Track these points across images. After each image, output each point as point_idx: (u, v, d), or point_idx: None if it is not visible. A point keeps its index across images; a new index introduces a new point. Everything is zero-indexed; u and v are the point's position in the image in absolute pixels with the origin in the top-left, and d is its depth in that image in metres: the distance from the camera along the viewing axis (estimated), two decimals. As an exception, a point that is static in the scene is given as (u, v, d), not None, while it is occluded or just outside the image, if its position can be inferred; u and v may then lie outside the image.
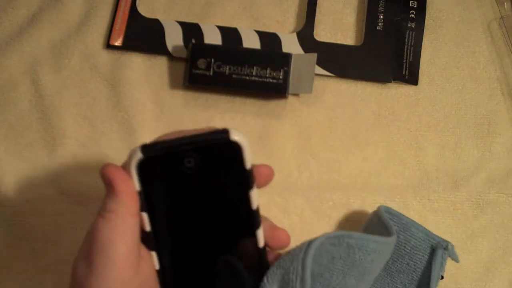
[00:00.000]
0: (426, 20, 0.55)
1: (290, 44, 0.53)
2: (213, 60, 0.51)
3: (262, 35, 0.53)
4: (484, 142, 0.52)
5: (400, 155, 0.51)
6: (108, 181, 0.31)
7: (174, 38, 0.53)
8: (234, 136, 0.30)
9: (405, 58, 0.53)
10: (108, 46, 0.53)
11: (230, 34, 0.53)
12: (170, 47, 0.53)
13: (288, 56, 0.51)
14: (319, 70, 0.52)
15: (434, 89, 0.53)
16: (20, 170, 0.49)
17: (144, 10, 0.54)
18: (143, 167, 0.30)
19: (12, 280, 0.47)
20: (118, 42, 0.53)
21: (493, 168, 0.51)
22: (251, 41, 0.53)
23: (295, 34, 0.54)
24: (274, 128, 0.51)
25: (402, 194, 0.49)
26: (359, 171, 0.50)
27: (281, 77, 0.50)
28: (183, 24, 0.53)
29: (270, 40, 0.53)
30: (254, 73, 0.50)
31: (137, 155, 0.30)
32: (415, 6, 0.55)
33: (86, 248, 0.31)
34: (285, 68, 0.50)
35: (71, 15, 0.54)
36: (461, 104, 0.53)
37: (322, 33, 0.54)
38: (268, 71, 0.50)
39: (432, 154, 0.51)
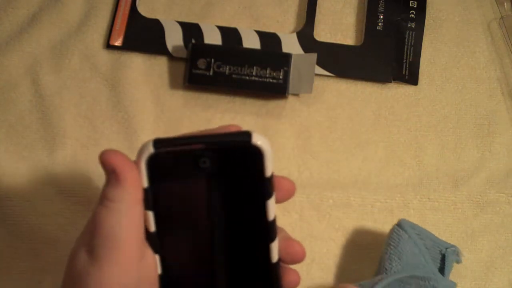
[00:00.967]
0: (426, 20, 0.55)
1: (290, 44, 0.53)
2: (213, 60, 0.51)
3: (262, 35, 0.53)
4: (484, 142, 0.52)
5: (400, 155, 0.51)
6: (110, 168, 0.28)
7: (174, 38, 0.53)
8: (257, 140, 0.28)
9: (405, 58, 0.53)
10: (108, 46, 0.53)
11: (230, 34, 0.53)
12: (170, 47, 0.53)
13: (288, 56, 0.51)
14: (319, 70, 0.52)
15: (434, 89, 0.53)
16: (20, 170, 0.49)
17: (144, 10, 0.54)
18: (154, 163, 0.28)
19: (12, 280, 0.47)
20: (118, 42, 0.53)
21: (493, 168, 0.51)
22: (251, 41, 0.53)
23: (295, 34, 0.54)
24: (274, 128, 0.51)
25: (402, 193, 0.49)
26: (359, 171, 0.50)
27: (281, 77, 0.50)
28: (183, 24, 0.54)
29: (270, 40, 0.53)
30: (254, 73, 0.50)
31: (149, 149, 0.28)
32: (415, 6, 0.55)
33: (87, 240, 0.29)
34: (285, 68, 0.50)
35: (71, 15, 0.54)
36: (461, 104, 0.53)
37: (322, 33, 0.54)
38: (268, 71, 0.50)
39: (432, 154, 0.51)
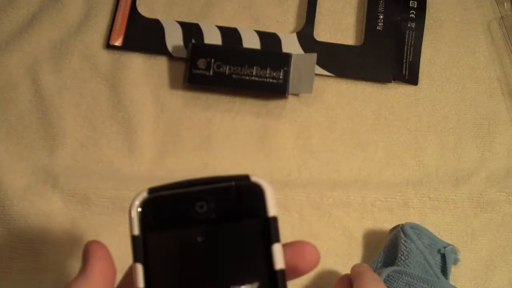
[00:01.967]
0: (426, 20, 0.55)
1: (290, 44, 0.53)
2: (213, 60, 0.51)
3: (262, 35, 0.53)
4: (484, 142, 0.52)
5: (400, 155, 0.51)
6: (83, 254, 0.28)
7: (174, 38, 0.53)
8: (255, 178, 0.27)
9: (405, 58, 0.53)
10: (108, 46, 0.53)
11: (230, 34, 0.53)
12: (170, 47, 0.53)
13: (288, 56, 0.51)
14: (319, 70, 0.52)
15: (434, 89, 0.53)
16: (20, 170, 0.49)
17: (144, 10, 0.54)
18: (147, 209, 0.27)
19: (12, 280, 0.47)
20: (118, 42, 0.53)
21: (493, 168, 0.51)
22: (251, 41, 0.53)
23: (295, 34, 0.54)
24: (274, 128, 0.51)
25: (403, 192, 0.49)
26: (359, 171, 0.50)
27: (281, 77, 0.50)
28: (183, 24, 0.53)
29: (270, 40, 0.53)
30: (254, 73, 0.50)
31: (142, 194, 0.27)
32: (415, 6, 0.55)
33: None
34: (285, 68, 0.50)
35: (71, 15, 0.54)
36: (461, 104, 0.53)
37: (322, 33, 0.54)
38: (268, 71, 0.50)
39: (432, 154, 0.51)
